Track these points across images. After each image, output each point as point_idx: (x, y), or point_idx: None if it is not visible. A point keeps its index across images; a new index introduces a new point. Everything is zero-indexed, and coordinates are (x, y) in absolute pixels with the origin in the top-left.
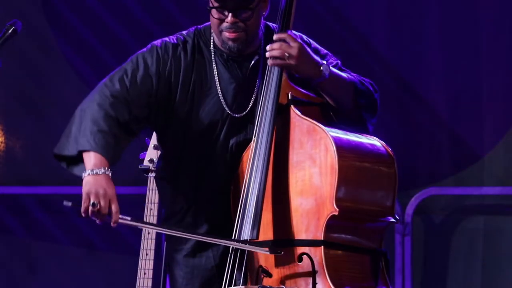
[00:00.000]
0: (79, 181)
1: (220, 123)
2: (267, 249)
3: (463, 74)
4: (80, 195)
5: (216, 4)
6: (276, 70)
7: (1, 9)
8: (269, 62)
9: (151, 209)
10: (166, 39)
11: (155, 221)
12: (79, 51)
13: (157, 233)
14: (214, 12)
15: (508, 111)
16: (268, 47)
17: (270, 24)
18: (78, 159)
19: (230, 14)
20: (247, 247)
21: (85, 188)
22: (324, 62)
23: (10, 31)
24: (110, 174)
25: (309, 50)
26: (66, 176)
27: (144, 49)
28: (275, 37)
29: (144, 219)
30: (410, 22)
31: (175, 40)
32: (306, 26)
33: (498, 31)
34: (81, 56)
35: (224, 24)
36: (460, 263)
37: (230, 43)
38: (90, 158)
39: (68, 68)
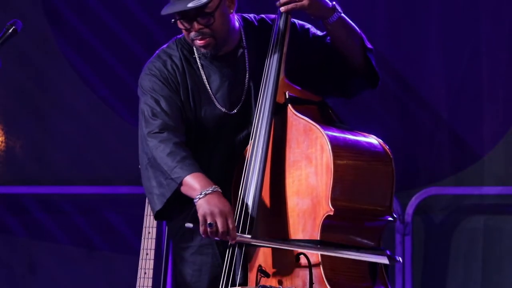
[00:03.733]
0: (79, 181)
1: (218, 122)
2: (385, 258)
3: (463, 74)
4: (80, 196)
5: (177, 17)
6: (273, 69)
7: (1, 9)
8: (282, 9)
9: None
10: (151, 62)
11: (155, 221)
12: (79, 51)
13: (157, 232)
14: (179, 23)
15: (508, 111)
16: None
17: (246, 15)
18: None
19: (192, 23)
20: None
21: (200, 211)
22: (335, 2)
23: (10, 31)
24: (219, 190)
25: None
26: (66, 176)
27: (143, 80)
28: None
29: (144, 219)
30: (410, 22)
31: (159, 58)
32: None
33: (498, 31)
34: (81, 56)
35: (192, 33)
36: (460, 263)
37: (202, 50)
38: (192, 184)
39: (68, 68)
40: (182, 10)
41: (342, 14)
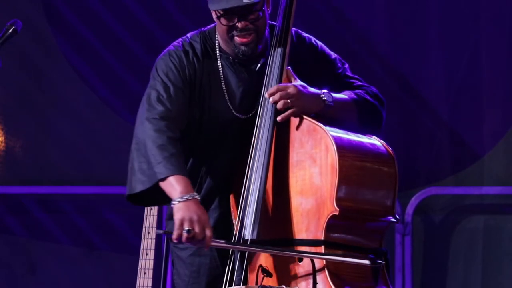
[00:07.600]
0: (79, 181)
1: (228, 125)
2: (368, 262)
3: (463, 74)
4: (80, 196)
5: (223, 12)
6: (276, 70)
7: (1, 9)
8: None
9: (151, 208)
10: (174, 47)
11: (155, 221)
12: (79, 51)
13: (157, 232)
14: (222, 20)
15: (508, 111)
16: (267, 95)
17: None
18: (152, 192)
19: (240, 20)
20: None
21: (177, 215)
22: (324, 90)
23: (10, 31)
24: (198, 198)
25: (302, 87)
26: (66, 176)
27: (160, 63)
28: (267, 94)
29: (144, 219)
30: (411, 22)
31: (183, 47)
32: (306, 26)
33: (498, 31)
34: (81, 56)
35: (235, 30)
36: (460, 263)
37: (242, 47)
38: (174, 184)
39: (68, 68)
40: (236, 6)
41: (334, 97)
